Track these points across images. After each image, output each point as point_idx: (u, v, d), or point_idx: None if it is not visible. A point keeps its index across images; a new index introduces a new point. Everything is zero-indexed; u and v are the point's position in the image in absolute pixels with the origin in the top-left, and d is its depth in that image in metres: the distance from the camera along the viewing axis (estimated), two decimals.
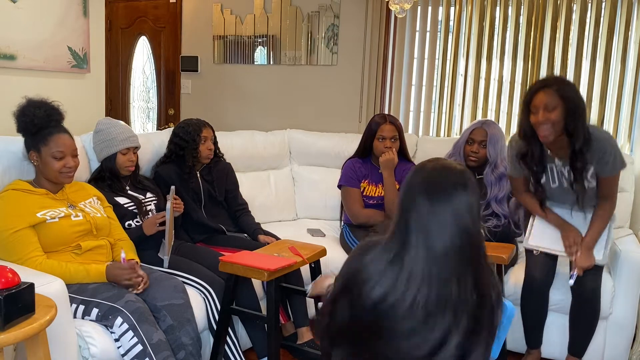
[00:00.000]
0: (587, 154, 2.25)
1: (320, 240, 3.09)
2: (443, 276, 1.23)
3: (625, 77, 3.42)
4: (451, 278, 1.23)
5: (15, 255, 1.99)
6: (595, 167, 2.31)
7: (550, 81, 2.23)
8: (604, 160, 2.25)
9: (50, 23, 3.20)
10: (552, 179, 2.43)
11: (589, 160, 2.27)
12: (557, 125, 2.18)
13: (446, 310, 1.21)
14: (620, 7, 3.38)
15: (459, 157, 2.93)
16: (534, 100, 2.22)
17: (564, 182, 2.41)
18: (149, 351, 1.94)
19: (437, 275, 1.22)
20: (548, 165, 2.40)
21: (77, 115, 3.24)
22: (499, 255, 2.42)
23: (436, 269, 1.23)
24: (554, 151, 2.36)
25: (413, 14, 3.89)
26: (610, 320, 2.59)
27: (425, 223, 1.24)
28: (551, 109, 2.16)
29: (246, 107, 4.47)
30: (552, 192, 2.48)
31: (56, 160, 2.11)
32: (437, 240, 1.23)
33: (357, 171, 3.10)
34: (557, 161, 2.37)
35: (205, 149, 2.81)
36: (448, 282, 1.22)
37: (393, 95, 4.04)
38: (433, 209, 1.24)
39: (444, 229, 1.24)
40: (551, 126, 2.18)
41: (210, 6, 4.48)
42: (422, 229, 1.24)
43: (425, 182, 1.28)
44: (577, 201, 2.38)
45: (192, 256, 2.53)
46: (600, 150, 2.24)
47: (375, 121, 3.07)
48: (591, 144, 2.23)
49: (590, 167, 2.30)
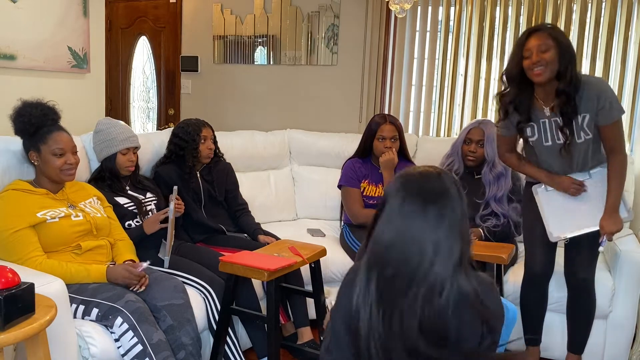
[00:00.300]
0: (581, 101, 2.22)
1: (320, 240, 3.09)
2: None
3: (625, 77, 3.42)
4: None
5: (16, 255, 1.99)
6: (592, 116, 2.23)
7: (542, 25, 2.25)
8: (599, 104, 2.21)
9: (50, 23, 3.20)
10: (544, 135, 2.33)
11: (584, 108, 2.23)
12: (550, 65, 2.18)
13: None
14: (620, 7, 3.38)
15: (457, 157, 2.94)
16: (527, 43, 2.21)
17: (556, 137, 2.31)
18: (149, 351, 1.94)
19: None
20: (540, 120, 2.32)
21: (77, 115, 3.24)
22: (498, 255, 2.42)
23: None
24: (543, 98, 2.30)
25: (413, 14, 3.89)
26: (610, 320, 2.59)
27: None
28: (544, 50, 2.17)
29: (246, 107, 4.47)
30: (546, 153, 2.37)
31: (57, 158, 2.12)
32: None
33: (357, 171, 3.10)
34: (548, 112, 2.29)
35: (205, 149, 2.81)
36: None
37: (393, 95, 4.04)
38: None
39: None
40: (545, 66, 2.18)
41: (210, 6, 4.48)
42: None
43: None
44: (564, 147, 2.28)
45: (192, 256, 2.53)
46: (594, 94, 2.21)
47: (375, 121, 3.07)
48: (584, 89, 2.21)
49: (585, 116, 2.24)
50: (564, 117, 2.23)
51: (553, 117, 2.28)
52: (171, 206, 2.31)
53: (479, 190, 2.87)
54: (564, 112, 2.23)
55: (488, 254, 2.43)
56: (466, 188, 2.90)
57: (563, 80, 2.19)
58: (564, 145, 2.27)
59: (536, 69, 2.18)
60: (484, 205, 2.85)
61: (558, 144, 2.30)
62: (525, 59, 2.21)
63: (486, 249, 2.49)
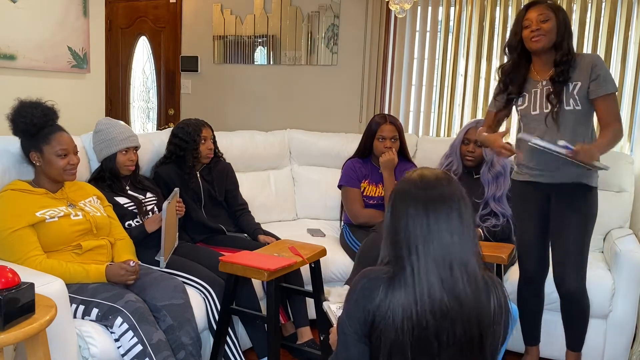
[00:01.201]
0: (574, 71, 2.26)
1: (320, 240, 3.09)
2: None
3: (625, 77, 3.42)
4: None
5: (15, 255, 1.99)
6: (584, 85, 2.24)
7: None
8: (592, 74, 2.23)
9: (50, 23, 3.20)
10: (533, 104, 2.34)
11: (576, 76, 2.26)
12: (549, 34, 2.25)
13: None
14: (620, 7, 3.38)
15: (456, 158, 2.94)
16: (527, 14, 2.29)
17: (544, 105, 2.30)
18: (149, 351, 1.94)
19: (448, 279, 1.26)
20: (532, 90, 2.34)
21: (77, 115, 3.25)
22: (498, 255, 2.42)
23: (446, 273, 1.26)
24: (539, 70, 2.34)
25: (413, 14, 3.89)
26: (610, 320, 2.59)
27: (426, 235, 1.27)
28: (544, 20, 2.24)
29: (246, 107, 4.47)
30: (534, 123, 2.33)
31: (60, 159, 2.13)
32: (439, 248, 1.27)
33: (357, 171, 3.11)
34: (542, 82, 2.32)
35: (205, 149, 2.81)
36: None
37: (393, 95, 4.04)
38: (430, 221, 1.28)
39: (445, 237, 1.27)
40: (544, 35, 2.25)
41: (210, 6, 4.48)
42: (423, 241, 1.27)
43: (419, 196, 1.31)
44: (551, 114, 2.27)
45: (192, 256, 2.53)
46: (588, 64, 2.25)
47: (375, 121, 3.07)
48: (579, 60, 2.27)
49: (577, 84, 2.25)
50: (555, 84, 2.26)
51: (546, 85, 2.30)
52: (164, 206, 2.30)
53: (477, 190, 2.87)
54: (556, 80, 2.26)
55: (488, 254, 2.42)
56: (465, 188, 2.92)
57: (560, 51, 2.25)
58: (551, 112, 2.27)
59: (535, 37, 2.25)
60: (483, 205, 2.85)
61: (545, 112, 2.30)
62: (525, 28, 2.28)
63: (486, 249, 2.48)
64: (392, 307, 1.26)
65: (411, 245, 1.27)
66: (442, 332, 1.26)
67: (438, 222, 1.28)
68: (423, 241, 1.27)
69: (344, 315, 1.36)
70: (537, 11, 2.26)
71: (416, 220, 1.28)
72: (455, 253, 1.27)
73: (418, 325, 1.25)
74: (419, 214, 1.28)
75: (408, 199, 1.30)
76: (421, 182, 1.32)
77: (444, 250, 1.26)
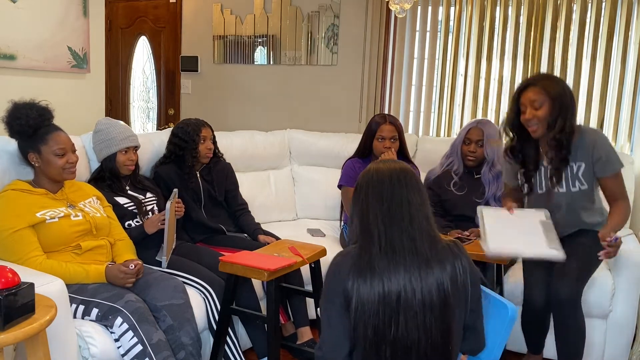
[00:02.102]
0: (577, 150, 2.23)
1: (320, 240, 3.09)
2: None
3: (625, 77, 3.42)
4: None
5: (15, 255, 1.99)
6: (588, 166, 2.24)
7: (536, 79, 2.27)
8: (595, 155, 2.21)
9: (50, 23, 3.20)
10: (539, 183, 2.35)
11: (579, 156, 2.24)
12: (544, 120, 2.21)
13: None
14: (620, 7, 3.38)
15: (457, 157, 2.94)
16: (521, 98, 2.25)
17: (548, 185, 2.32)
18: (149, 351, 1.94)
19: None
20: (539, 169, 2.35)
21: (77, 115, 3.25)
22: None
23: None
24: (543, 146, 2.32)
25: (413, 14, 3.89)
26: (610, 320, 2.59)
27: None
28: (538, 107, 2.20)
29: (246, 107, 4.47)
30: (539, 202, 2.34)
31: (59, 158, 2.12)
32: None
33: (357, 171, 3.10)
34: (545, 163, 2.32)
35: (205, 149, 2.81)
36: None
37: (393, 95, 4.04)
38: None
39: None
40: (539, 123, 2.22)
41: (210, 6, 4.48)
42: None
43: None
44: (547, 195, 2.27)
45: (192, 256, 2.53)
46: (589, 144, 2.22)
47: (375, 121, 3.07)
48: (580, 137, 2.23)
49: (580, 165, 2.24)
50: (553, 165, 2.26)
51: (547, 165, 2.30)
52: (168, 206, 2.31)
53: (478, 189, 2.87)
54: (553, 161, 2.25)
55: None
56: (466, 188, 2.93)
57: (551, 130, 2.21)
58: (547, 192, 2.28)
59: (531, 124, 2.23)
60: (484, 205, 2.84)
61: (550, 191, 2.31)
62: (522, 112, 2.25)
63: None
64: (359, 286, 1.41)
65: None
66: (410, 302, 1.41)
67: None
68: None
69: (324, 293, 1.49)
70: (530, 95, 2.21)
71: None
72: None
73: (386, 299, 1.40)
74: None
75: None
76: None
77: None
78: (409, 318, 1.39)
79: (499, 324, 1.56)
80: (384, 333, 1.39)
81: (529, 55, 3.62)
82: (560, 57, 3.54)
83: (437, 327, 1.40)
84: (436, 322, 1.40)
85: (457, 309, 1.44)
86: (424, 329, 1.39)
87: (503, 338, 1.57)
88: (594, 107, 3.50)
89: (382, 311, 1.39)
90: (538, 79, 2.27)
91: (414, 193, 1.47)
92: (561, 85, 2.25)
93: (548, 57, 3.57)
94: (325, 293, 1.48)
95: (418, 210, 1.46)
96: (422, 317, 1.39)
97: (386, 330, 1.39)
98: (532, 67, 3.61)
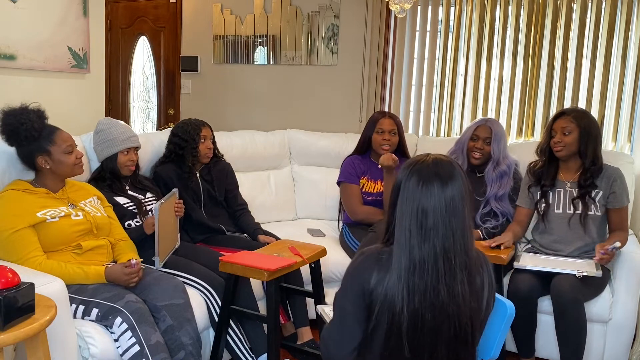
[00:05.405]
0: (599, 180, 2.55)
1: (320, 240, 3.09)
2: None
3: (625, 77, 3.42)
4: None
5: (15, 255, 1.99)
6: (605, 195, 2.54)
7: (569, 110, 2.64)
8: (612, 188, 2.53)
9: (50, 23, 3.19)
10: (557, 203, 2.61)
11: (600, 185, 2.55)
12: (570, 146, 2.55)
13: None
14: (620, 7, 3.38)
15: (461, 154, 2.92)
16: (554, 124, 2.60)
17: (568, 206, 2.58)
18: (146, 352, 1.94)
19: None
20: (557, 190, 2.62)
21: (77, 115, 3.25)
22: (498, 256, 2.42)
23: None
24: (565, 172, 2.63)
25: (413, 14, 3.89)
26: (610, 321, 2.58)
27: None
28: (567, 133, 2.55)
29: (246, 107, 4.47)
30: (555, 221, 2.61)
31: (69, 155, 2.15)
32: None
33: (356, 167, 3.11)
34: (567, 183, 2.61)
35: (205, 148, 2.81)
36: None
37: (393, 95, 4.04)
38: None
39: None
40: (565, 146, 2.56)
41: (210, 6, 4.48)
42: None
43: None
44: (580, 219, 2.54)
45: (192, 256, 2.53)
46: (610, 177, 2.55)
47: (374, 116, 3.09)
48: (602, 172, 2.56)
49: (599, 192, 2.55)
50: (581, 189, 2.56)
51: (570, 188, 2.60)
52: (155, 207, 2.27)
53: (480, 188, 2.86)
54: (582, 185, 2.56)
55: (488, 254, 2.41)
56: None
57: (587, 159, 2.55)
58: (580, 216, 2.55)
59: (558, 146, 2.57)
60: (484, 204, 2.85)
61: (569, 213, 2.58)
62: (552, 137, 2.60)
63: (486, 250, 2.49)
64: (388, 287, 1.36)
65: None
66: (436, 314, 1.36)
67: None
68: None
69: (341, 290, 1.45)
70: (562, 122, 2.57)
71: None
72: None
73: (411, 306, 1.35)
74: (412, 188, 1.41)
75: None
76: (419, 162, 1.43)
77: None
78: (436, 312, 1.36)
79: (498, 322, 1.57)
80: (413, 323, 1.36)
81: (529, 55, 3.62)
82: (560, 57, 3.54)
83: (465, 314, 1.39)
84: (462, 313, 1.39)
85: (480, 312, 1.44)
86: (451, 318, 1.38)
87: (502, 336, 1.59)
88: (594, 107, 3.50)
89: (409, 300, 1.35)
90: (570, 110, 2.62)
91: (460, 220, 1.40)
92: (590, 119, 2.60)
93: (548, 57, 3.57)
94: (344, 288, 1.45)
95: (458, 232, 1.39)
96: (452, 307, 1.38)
97: (412, 322, 1.36)
98: (532, 67, 3.62)
